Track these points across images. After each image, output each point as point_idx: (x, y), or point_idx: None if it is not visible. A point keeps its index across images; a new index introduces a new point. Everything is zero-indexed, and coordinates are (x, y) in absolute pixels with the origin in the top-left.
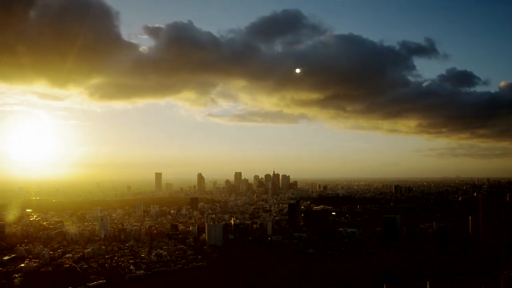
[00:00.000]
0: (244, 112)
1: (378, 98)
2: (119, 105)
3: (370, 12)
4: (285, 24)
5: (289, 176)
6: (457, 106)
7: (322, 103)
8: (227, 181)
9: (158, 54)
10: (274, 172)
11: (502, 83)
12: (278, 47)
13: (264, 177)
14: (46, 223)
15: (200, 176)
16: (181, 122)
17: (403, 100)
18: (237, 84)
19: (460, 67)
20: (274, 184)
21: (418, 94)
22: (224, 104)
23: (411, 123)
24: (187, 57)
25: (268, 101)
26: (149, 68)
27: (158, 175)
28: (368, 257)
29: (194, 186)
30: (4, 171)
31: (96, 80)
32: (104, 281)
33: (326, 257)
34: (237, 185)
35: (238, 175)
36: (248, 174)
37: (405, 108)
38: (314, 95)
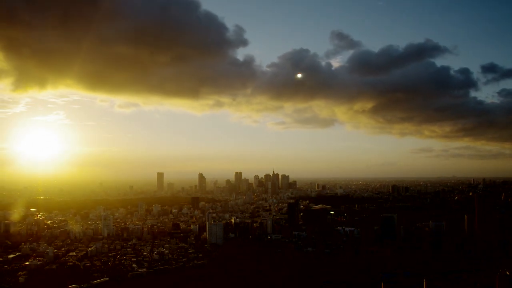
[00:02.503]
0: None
1: (418, 108)
2: (123, 106)
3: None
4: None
5: (288, 176)
6: (476, 113)
7: (363, 113)
8: (228, 181)
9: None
10: (273, 172)
11: None
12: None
13: (264, 177)
14: (50, 222)
15: (201, 176)
16: (181, 123)
17: (437, 110)
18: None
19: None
20: (274, 184)
21: (450, 105)
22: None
23: (432, 127)
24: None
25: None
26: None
27: (160, 175)
28: (366, 256)
29: (195, 185)
30: (9, 171)
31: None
32: (107, 278)
33: (325, 256)
34: (238, 184)
35: (238, 175)
36: (248, 174)
37: (436, 117)
38: (361, 106)
